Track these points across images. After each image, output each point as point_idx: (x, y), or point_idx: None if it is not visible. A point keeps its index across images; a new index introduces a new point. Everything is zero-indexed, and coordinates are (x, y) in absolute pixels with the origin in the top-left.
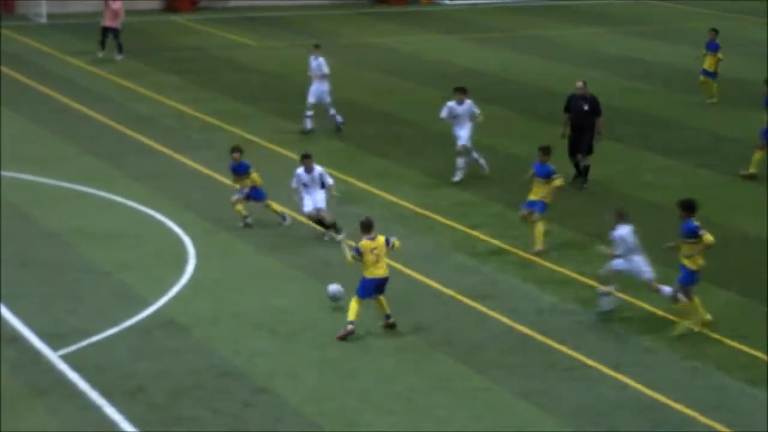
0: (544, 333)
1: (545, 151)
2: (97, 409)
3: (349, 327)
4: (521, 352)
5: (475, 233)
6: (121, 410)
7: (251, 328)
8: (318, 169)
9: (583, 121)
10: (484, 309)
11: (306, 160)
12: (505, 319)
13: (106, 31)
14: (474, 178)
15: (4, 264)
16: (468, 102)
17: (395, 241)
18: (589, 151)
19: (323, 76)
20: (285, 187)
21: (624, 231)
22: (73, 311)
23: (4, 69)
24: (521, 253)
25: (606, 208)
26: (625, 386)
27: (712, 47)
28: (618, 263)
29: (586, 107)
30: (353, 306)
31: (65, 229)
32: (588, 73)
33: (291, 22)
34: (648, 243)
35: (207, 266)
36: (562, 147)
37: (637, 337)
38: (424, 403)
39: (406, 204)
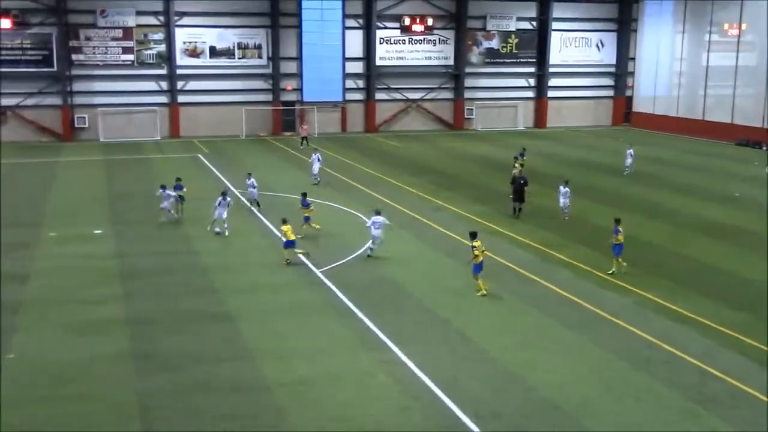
0: None
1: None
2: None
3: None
4: None
5: None
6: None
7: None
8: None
9: (519, 187)
10: None
11: None
12: None
13: (303, 139)
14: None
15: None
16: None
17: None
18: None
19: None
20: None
21: None
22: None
23: None
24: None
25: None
26: None
27: None
28: None
29: (521, 181)
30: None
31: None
32: (530, 160)
33: (416, 138)
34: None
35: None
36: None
37: None
38: None
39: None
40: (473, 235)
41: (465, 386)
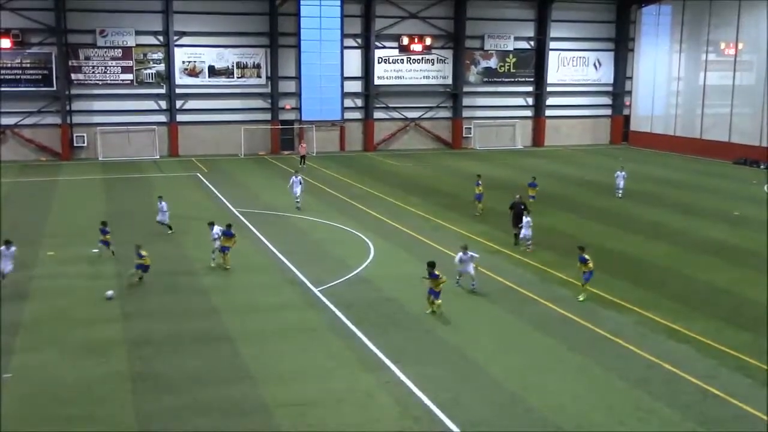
0: None
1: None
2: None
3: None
4: None
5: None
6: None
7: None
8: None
9: (519, 212)
10: None
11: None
12: None
13: (302, 158)
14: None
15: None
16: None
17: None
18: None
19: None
20: None
21: None
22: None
23: None
24: None
25: None
26: None
27: None
28: None
29: (522, 206)
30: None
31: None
32: (525, 179)
33: (415, 157)
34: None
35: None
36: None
37: None
38: None
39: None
40: (433, 265)
41: (465, 407)
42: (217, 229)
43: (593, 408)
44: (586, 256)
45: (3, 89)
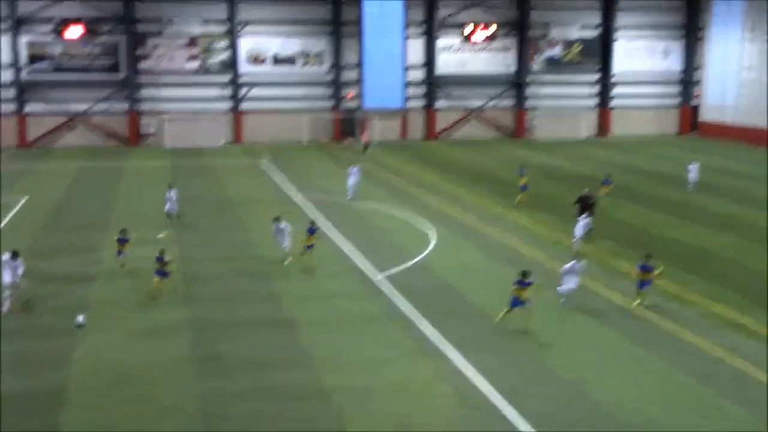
0: None
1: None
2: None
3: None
4: None
5: None
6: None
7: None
8: None
9: (585, 207)
10: None
11: None
12: None
13: (364, 146)
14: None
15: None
16: None
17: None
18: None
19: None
20: None
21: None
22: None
23: None
24: None
25: None
26: None
27: None
28: None
29: (589, 202)
30: None
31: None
32: (592, 169)
33: (476, 146)
34: None
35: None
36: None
37: None
38: None
39: None
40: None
41: (526, 398)
42: (284, 224)
43: (653, 403)
44: (652, 264)
45: (73, 77)
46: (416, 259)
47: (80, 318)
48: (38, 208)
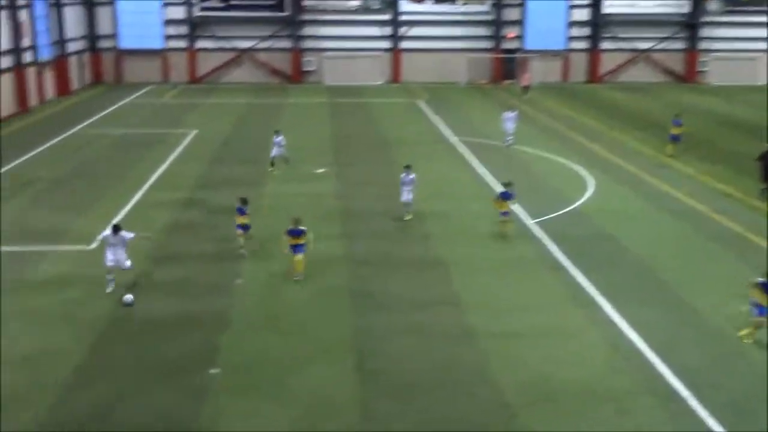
0: None
1: None
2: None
3: None
4: None
5: None
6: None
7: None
8: None
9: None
10: None
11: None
12: None
13: (524, 88)
14: None
15: None
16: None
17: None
18: None
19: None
20: None
21: None
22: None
23: None
24: None
25: None
26: None
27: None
28: None
29: None
30: None
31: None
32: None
33: (642, 90)
34: None
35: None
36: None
37: None
38: None
39: None
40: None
41: (681, 352)
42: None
43: None
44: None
45: (240, 14)
46: (574, 205)
47: (129, 297)
48: (206, 142)
